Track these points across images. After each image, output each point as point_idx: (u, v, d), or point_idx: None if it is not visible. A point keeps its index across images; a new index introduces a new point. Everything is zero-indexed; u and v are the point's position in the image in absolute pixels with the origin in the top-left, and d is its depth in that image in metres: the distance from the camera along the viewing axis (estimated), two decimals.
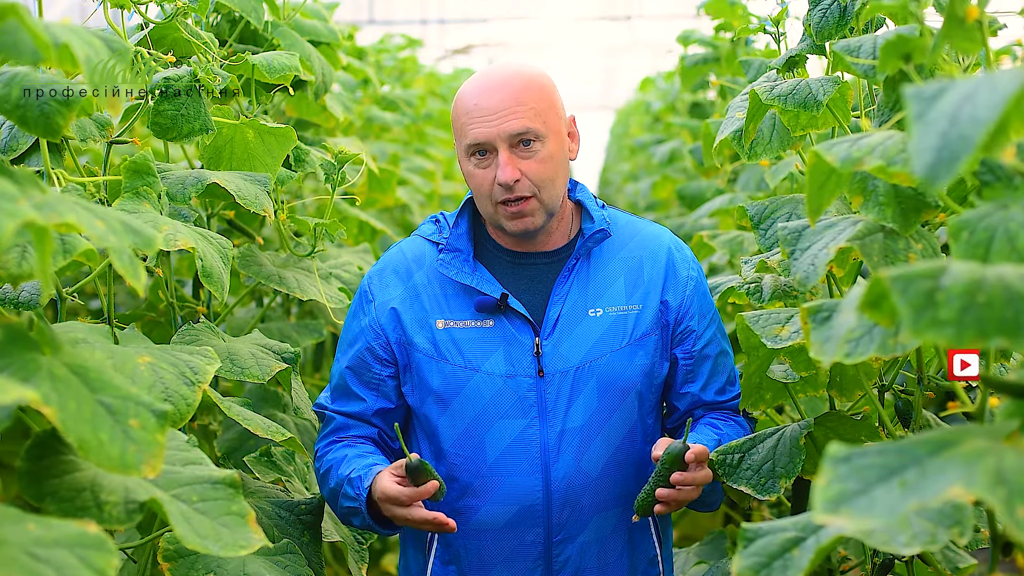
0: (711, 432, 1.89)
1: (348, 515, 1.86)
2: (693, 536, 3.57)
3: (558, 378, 1.86)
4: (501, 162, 1.80)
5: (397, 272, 1.95)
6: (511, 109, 1.80)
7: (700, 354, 1.94)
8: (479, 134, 1.81)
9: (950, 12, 1.13)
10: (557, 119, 1.86)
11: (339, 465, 1.87)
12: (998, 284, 0.90)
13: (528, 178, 1.82)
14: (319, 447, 1.97)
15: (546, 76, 1.89)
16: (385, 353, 1.92)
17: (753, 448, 1.77)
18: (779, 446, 1.75)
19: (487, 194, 1.85)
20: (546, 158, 1.83)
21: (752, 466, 1.75)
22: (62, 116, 1.33)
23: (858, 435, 1.76)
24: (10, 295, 1.63)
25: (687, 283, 1.94)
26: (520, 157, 1.81)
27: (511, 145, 1.81)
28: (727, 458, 1.76)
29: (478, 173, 1.84)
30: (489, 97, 1.81)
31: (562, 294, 1.90)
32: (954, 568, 1.64)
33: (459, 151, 1.88)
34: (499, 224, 1.88)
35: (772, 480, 1.72)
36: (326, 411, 1.97)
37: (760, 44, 3.71)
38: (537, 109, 1.82)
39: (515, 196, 1.82)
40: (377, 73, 4.56)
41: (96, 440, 1.04)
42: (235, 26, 2.43)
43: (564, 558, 1.87)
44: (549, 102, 1.85)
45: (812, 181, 1.30)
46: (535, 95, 1.83)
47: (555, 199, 1.87)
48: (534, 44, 12.26)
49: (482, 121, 1.81)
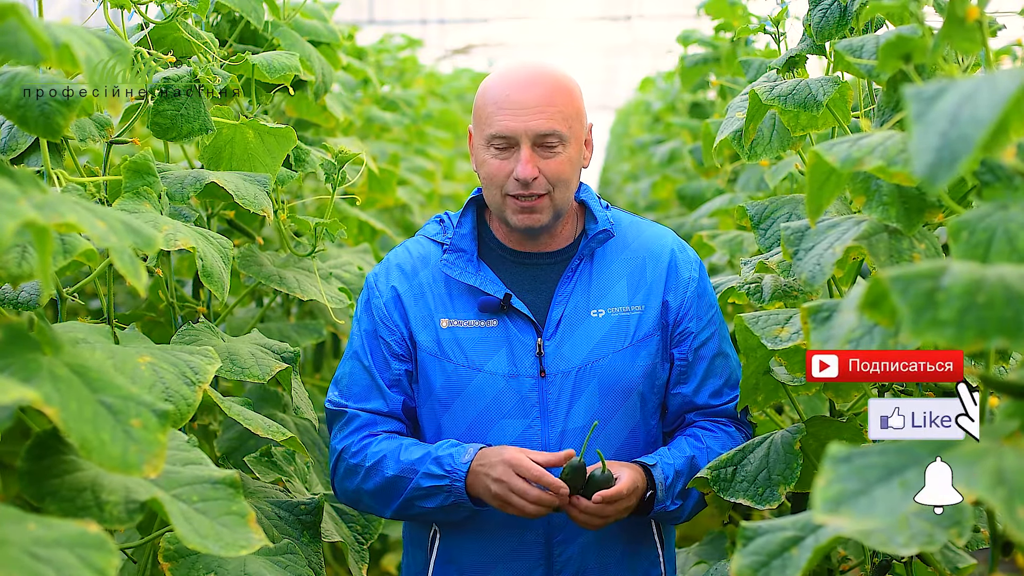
0: (687, 448, 1.88)
1: (423, 496, 1.82)
2: (693, 536, 3.57)
3: (560, 378, 1.86)
4: (522, 158, 1.81)
5: (403, 270, 1.95)
6: (542, 108, 1.81)
7: (695, 355, 1.93)
8: (506, 127, 1.81)
9: (950, 12, 1.13)
10: (580, 126, 1.88)
11: (399, 451, 1.85)
12: (998, 284, 0.90)
13: (545, 177, 1.83)
14: (348, 443, 1.91)
15: (576, 82, 1.91)
16: (401, 348, 1.92)
17: (744, 459, 1.76)
18: (771, 454, 1.75)
19: (500, 184, 1.85)
20: (565, 161, 1.84)
21: (747, 477, 1.74)
22: (62, 116, 1.33)
23: (841, 438, 1.75)
24: (10, 295, 1.63)
25: (688, 284, 1.94)
26: (540, 156, 1.82)
27: (534, 143, 1.82)
28: (720, 473, 1.75)
29: (495, 163, 1.84)
30: (522, 92, 1.82)
31: (565, 294, 1.90)
32: (954, 568, 1.64)
33: (476, 137, 1.89)
34: (504, 216, 1.88)
35: (770, 488, 1.71)
36: (347, 409, 1.93)
37: (760, 44, 3.71)
38: (566, 113, 1.83)
39: (528, 192, 1.83)
40: (377, 73, 4.56)
41: (98, 440, 1.04)
42: (235, 26, 2.43)
43: (565, 558, 1.87)
44: (577, 108, 1.87)
45: (812, 181, 1.30)
46: (566, 99, 1.84)
47: (566, 202, 1.88)
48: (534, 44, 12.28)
49: (511, 114, 1.81)
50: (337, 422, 1.95)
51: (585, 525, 1.77)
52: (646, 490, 1.82)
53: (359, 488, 1.90)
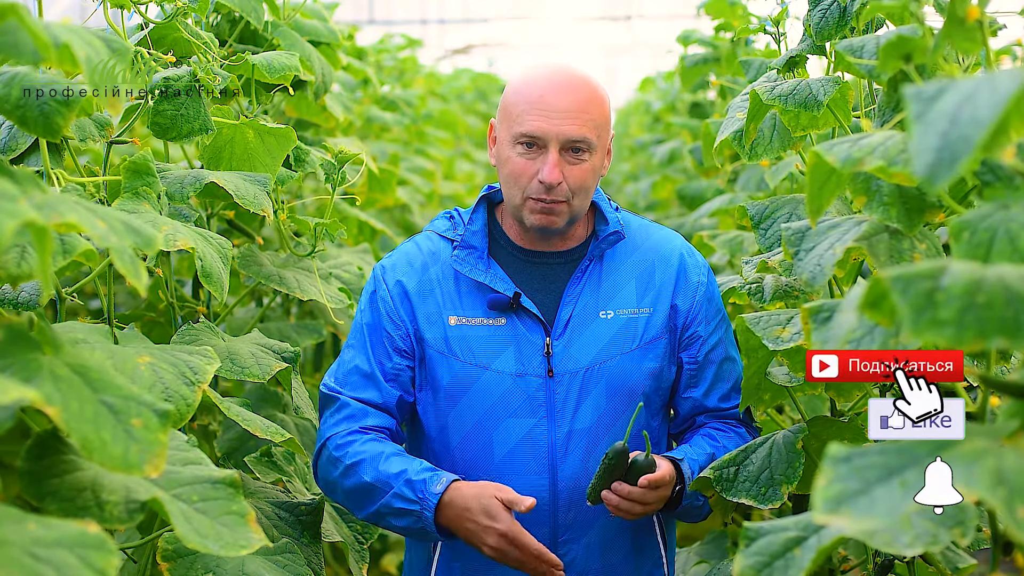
0: (706, 445, 1.88)
1: (394, 515, 1.80)
2: (693, 536, 3.57)
3: (567, 379, 1.86)
4: (549, 162, 1.81)
5: (412, 264, 1.95)
6: (575, 114, 1.81)
7: (705, 359, 1.94)
8: (538, 127, 1.81)
9: (950, 12, 1.13)
10: (607, 136, 1.89)
11: (379, 459, 1.82)
12: (998, 284, 0.90)
13: (568, 183, 1.83)
14: (335, 431, 1.88)
15: (606, 92, 1.91)
16: (404, 344, 1.91)
17: (747, 459, 1.76)
18: (773, 454, 1.75)
19: (522, 185, 1.84)
20: (588, 170, 1.84)
21: (750, 477, 1.74)
22: (62, 116, 1.33)
23: (843, 438, 1.75)
24: (10, 295, 1.63)
25: (697, 288, 1.94)
26: (567, 161, 1.82)
27: (563, 147, 1.82)
28: (723, 473, 1.75)
29: (520, 161, 1.84)
30: (558, 96, 1.82)
31: (574, 295, 1.90)
32: (954, 568, 1.64)
33: (503, 132, 1.88)
34: (520, 216, 1.88)
35: (773, 488, 1.71)
36: (340, 396, 1.91)
37: (760, 44, 3.71)
38: (597, 122, 1.84)
39: (550, 197, 1.83)
40: (377, 73, 4.56)
41: (99, 440, 1.04)
42: (235, 26, 2.43)
43: (570, 558, 1.87)
44: (606, 118, 1.87)
45: (812, 181, 1.30)
46: (598, 108, 1.85)
47: (583, 208, 1.88)
48: (534, 44, 12.29)
49: (544, 116, 1.81)
50: (329, 407, 1.92)
51: (625, 513, 1.75)
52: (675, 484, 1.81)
53: (336, 482, 1.88)
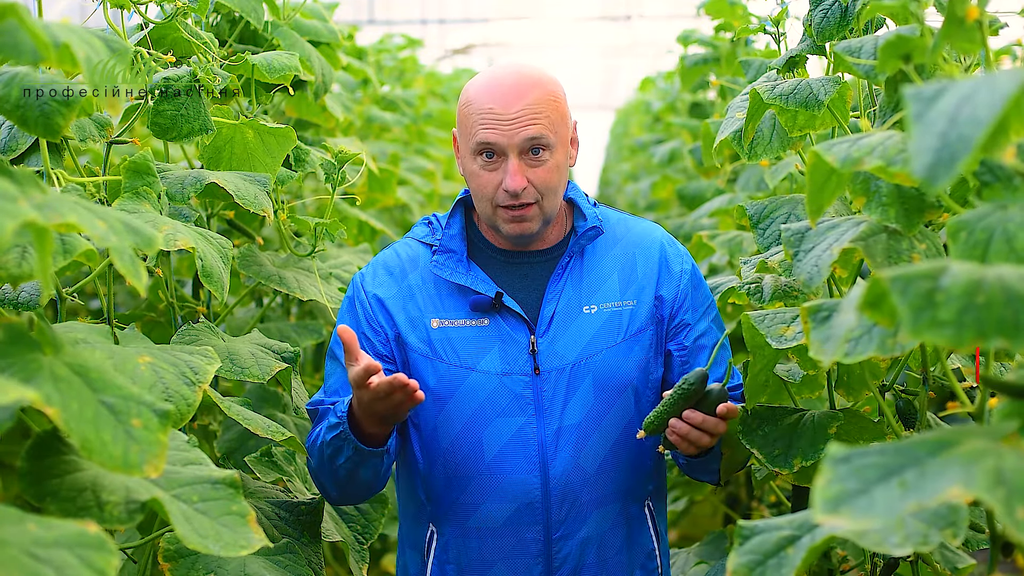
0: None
1: (335, 453, 1.80)
2: (693, 536, 3.57)
3: (554, 375, 1.87)
4: (510, 170, 1.81)
5: (390, 271, 1.95)
6: (528, 118, 1.80)
7: (694, 346, 1.94)
8: (490, 136, 1.81)
9: (950, 12, 1.13)
10: (565, 129, 1.88)
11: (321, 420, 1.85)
12: (997, 285, 0.90)
13: (534, 186, 1.83)
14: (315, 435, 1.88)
15: (559, 84, 1.89)
16: (385, 349, 1.91)
17: (773, 419, 1.75)
18: (800, 426, 1.73)
19: (489, 196, 1.85)
20: (552, 167, 1.84)
21: (769, 435, 1.73)
22: (62, 116, 1.33)
23: (864, 436, 1.74)
24: (10, 295, 1.63)
25: (680, 277, 1.95)
26: (528, 164, 1.82)
27: (521, 152, 1.82)
28: (747, 422, 1.75)
29: (483, 174, 1.84)
30: (506, 102, 1.81)
31: (556, 292, 1.90)
32: (953, 568, 1.64)
33: (463, 145, 1.88)
34: (496, 225, 1.89)
35: (787, 456, 1.69)
36: (324, 403, 1.90)
37: (760, 44, 3.71)
38: (551, 119, 1.83)
39: (519, 202, 1.83)
40: (377, 73, 4.56)
41: (99, 440, 1.04)
42: (235, 26, 2.43)
43: (564, 555, 1.87)
44: (561, 112, 1.86)
45: (812, 181, 1.30)
46: (550, 105, 1.84)
47: (555, 207, 1.89)
48: (534, 44, 12.29)
49: (495, 126, 1.81)
50: (317, 420, 1.92)
51: (691, 444, 1.73)
52: None
53: (313, 471, 1.89)
